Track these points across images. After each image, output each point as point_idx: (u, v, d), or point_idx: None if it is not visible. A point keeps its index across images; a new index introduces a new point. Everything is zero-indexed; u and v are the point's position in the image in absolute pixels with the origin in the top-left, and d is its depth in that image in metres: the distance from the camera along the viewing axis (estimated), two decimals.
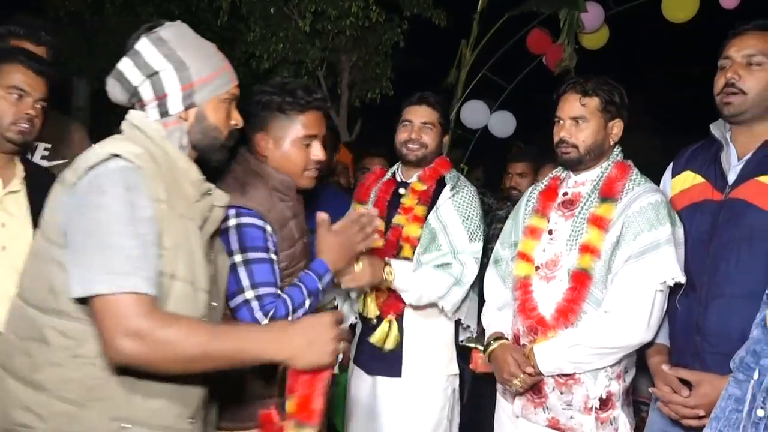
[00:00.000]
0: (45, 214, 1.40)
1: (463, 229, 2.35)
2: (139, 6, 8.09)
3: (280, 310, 1.75)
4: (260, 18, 6.19)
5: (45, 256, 1.36)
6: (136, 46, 1.50)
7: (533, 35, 5.51)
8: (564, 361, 1.90)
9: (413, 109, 2.43)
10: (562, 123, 2.03)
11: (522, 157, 3.88)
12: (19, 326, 1.38)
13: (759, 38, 1.83)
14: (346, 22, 5.85)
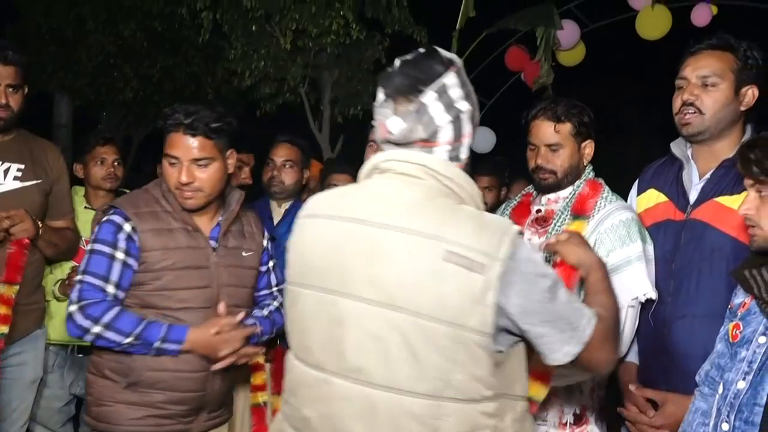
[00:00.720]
0: (429, 296, 1.19)
1: None
2: (122, 23, 8.10)
3: (94, 309, 1.79)
4: (242, 35, 6.22)
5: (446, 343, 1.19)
6: (444, 79, 1.30)
7: (511, 53, 5.60)
8: None
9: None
10: (536, 149, 2.02)
11: (487, 171, 3.85)
12: (436, 427, 1.20)
13: (713, 58, 1.83)
14: (327, 39, 5.90)
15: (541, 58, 4.95)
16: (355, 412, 1.24)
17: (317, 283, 1.29)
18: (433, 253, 1.19)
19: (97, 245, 1.86)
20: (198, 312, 1.90)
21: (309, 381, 1.31)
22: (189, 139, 1.87)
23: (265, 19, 6.07)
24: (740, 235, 1.74)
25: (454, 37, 5.60)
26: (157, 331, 1.82)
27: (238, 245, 2.03)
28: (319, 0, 5.78)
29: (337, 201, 1.36)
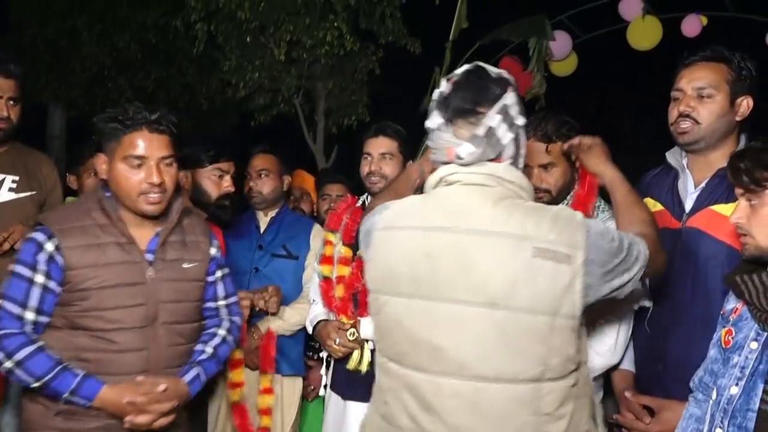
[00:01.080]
0: (524, 290, 1.31)
1: None
2: (116, 34, 8.10)
3: (9, 342, 1.69)
4: (236, 47, 6.24)
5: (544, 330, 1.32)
6: (506, 100, 1.38)
7: (504, 63, 5.62)
8: None
9: (371, 142, 2.44)
10: (529, 169, 2.01)
11: None
12: (538, 406, 1.34)
13: (707, 69, 1.86)
14: (321, 50, 5.92)
15: (534, 69, 4.98)
16: (464, 406, 1.34)
17: (406, 290, 1.38)
18: (523, 251, 1.31)
19: (18, 267, 1.74)
20: (133, 333, 1.78)
21: (414, 382, 1.38)
22: (157, 137, 1.78)
23: (259, 30, 6.09)
24: (735, 242, 1.75)
25: (447, 48, 5.64)
26: (67, 383, 1.70)
27: (179, 257, 1.91)
28: (313, 12, 5.80)
29: (413, 212, 1.43)
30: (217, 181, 2.40)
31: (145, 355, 1.81)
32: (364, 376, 2.34)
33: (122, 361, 1.77)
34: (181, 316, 1.89)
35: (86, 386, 1.72)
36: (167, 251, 1.88)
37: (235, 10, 5.72)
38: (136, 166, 1.79)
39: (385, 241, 1.44)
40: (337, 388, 2.45)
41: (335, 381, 2.47)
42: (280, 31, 5.88)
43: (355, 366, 2.34)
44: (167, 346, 1.85)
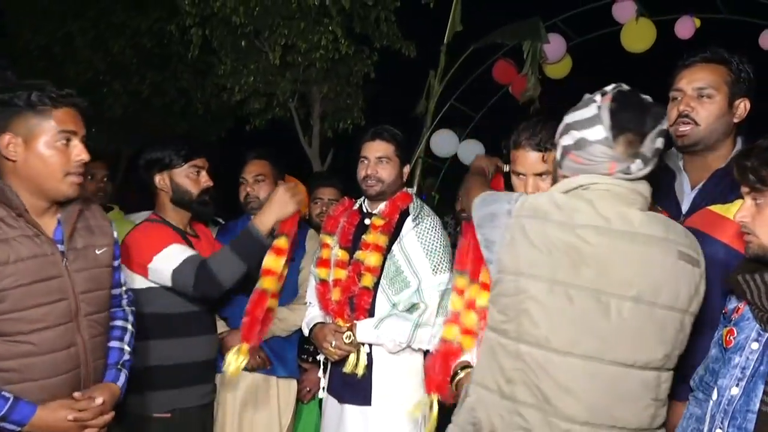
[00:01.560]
0: (667, 288, 1.49)
1: (427, 261, 2.37)
2: (111, 39, 8.10)
3: None
4: (231, 51, 6.23)
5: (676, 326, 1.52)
6: (664, 125, 1.52)
7: (498, 66, 5.65)
8: None
9: (368, 145, 2.45)
10: (524, 179, 1.95)
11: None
12: (657, 393, 1.54)
13: (707, 70, 1.87)
14: (316, 54, 5.92)
15: (528, 72, 5.00)
16: (603, 388, 1.48)
17: (555, 276, 1.49)
18: (670, 253, 1.49)
19: None
20: (56, 331, 1.67)
21: (551, 364, 1.49)
22: (79, 114, 1.71)
23: (254, 35, 6.09)
24: (733, 242, 1.77)
25: (442, 52, 5.66)
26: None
27: (90, 243, 1.80)
28: (307, 16, 5.81)
29: (560, 209, 1.53)
30: (195, 178, 2.38)
31: (73, 352, 1.72)
32: (360, 379, 2.34)
33: (48, 364, 1.66)
34: (99, 305, 1.81)
35: (18, 410, 1.60)
36: (76, 239, 1.77)
37: (230, 14, 5.72)
38: (64, 144, 1.67)
39: (531, 229, 1.53)
40: (334, 392, 2.45)
41: (332, 384, 2.47)
42: (275, 36, 5.88)
43: (351, 369, 2.34)
44: (90, 338, 1.77)
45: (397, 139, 2.47)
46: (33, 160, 1.66)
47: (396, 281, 2.37)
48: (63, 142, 1.67)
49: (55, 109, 1.66)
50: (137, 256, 2.25)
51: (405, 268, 2.37)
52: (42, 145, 1.65)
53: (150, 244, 2.25)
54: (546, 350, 1.49)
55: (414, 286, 2.36)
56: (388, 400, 2.36)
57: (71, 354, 1.71)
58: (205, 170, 2.41)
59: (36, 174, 1.67)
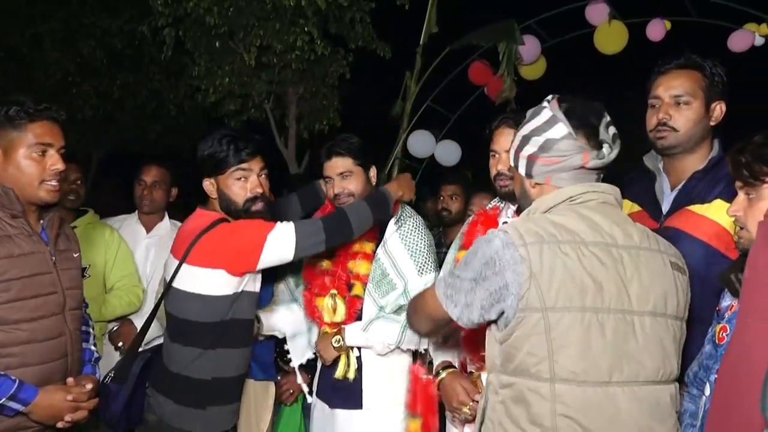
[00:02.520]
0: (670, 298, 1.53)
1: (412, 262, 2.37)
2: (80, 40, 7.96)
3: None
4: (205, 52, 6.15)
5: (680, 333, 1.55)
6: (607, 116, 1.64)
7: (474, 67, 5.68)
8: None
9: (327, 165, 2.43)
10: (498, 156, 2.09)
11: (453, 180, 3.97)
12: (675, 405, 1.54)
13: (683, 77, 1.92)
14: (291, 55, 5.87)
15: (504, 73, 5.04)
16: (645, 410, 1.46)
17: (583, 303, 1.44)
18: (667, 264, 1.54)
19: None
20: (50, 320, 1.88)
21: (596, 400, 1.44)
22: (57, 127, 1.87)
23: (228, 35, 6.03)
24: (712, 240, 1.81)
25: (417, 53, 5.68)
26: (7, 387, 1.75)
27: (68, 247, 2.02)
28: (283, 17, 5.76)
29: (560, 230, 1.50)
30: (243, 184, 2.29)
31: (63, 341, 1.91)
32: (350, 383, 2.33)
33: (44, 351, 1.85)
34: (78, 302, 2.01)
35: (24, 390, 1.78)
36: (59, 242, 1.97)
37: (204, 15, 5.64)
38: (40, 154, 1.83)
39: (547, 257, 1.46)
40: (323, 396, 2.44)
41: (321, 389, 2.46)
42: (250, 37, 5.82)
43: (342, 374, 2.33)
44: (74, 330, 1.97)
45: (352, 149, 2.42)
46: (12, 170, 1.83)
47: (382, 284, 2.36)
48: (39, 153, 1.83)
49: (31, 123, 1.82)
50: (243, 244, 2.14)
51: (390, 271, 2.37)
52: (20, 156, 1.83)
53: (255, 227, 2.16)
54: (586, 385, 1.43)
55: (400, 289, 2.36)
56: (379, 402, 2.36)
57: (61, 342, 1.91)
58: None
59: (15, 181, 1.84)
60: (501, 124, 2.11)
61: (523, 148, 1.62)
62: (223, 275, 2.12)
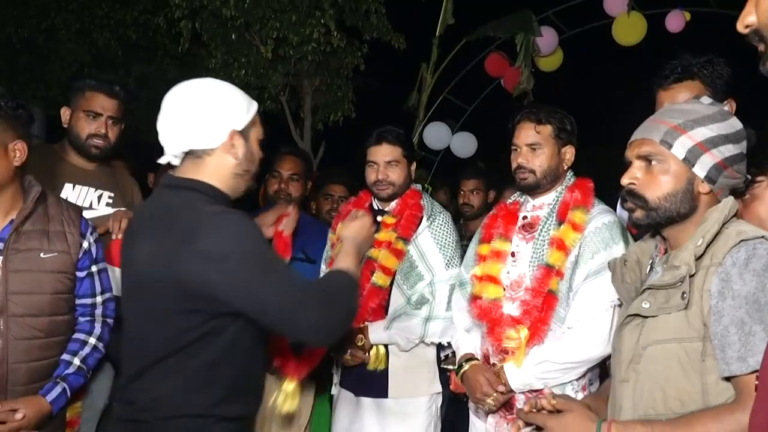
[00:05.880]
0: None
1: (441, 256, 2.40)
2: (95, 32, 8.00)
3: None
4: (221, 44, 6.18)
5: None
6: None
7: (491, 59, 5.67)
8: (532, 378, 1.97)
9: (375, 150, 2.41)
10: (519, 150, 2.12)
11: (474, 175, 3.99)
12: None
13: (685, 90, 1.84)
14: (308, 47, 5.89)
15: (521, 65, 5.03)
16: None
17: None
18: None
19: None
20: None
21: None
22: (18, 124, 1.79)
23: (244, 27, 6.04)
24: None
25: (433, 44, 5.67)
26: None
27: (37, 246, 1.85)
28: (299, 9, 5.77)
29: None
30: None
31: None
32: (377, 374, 2.37)
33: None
34: (35, 308, 1.83)
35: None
36: (22, 240, 1.83)
37: (220, 7, 5.67)
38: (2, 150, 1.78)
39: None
40: (349, 386, 2.47)
41: (345, 379, 2.49)
42: (266, 29, 5.84)
43: (374, 366, 2.36)
44: (19, 339, 1.80)
45: (402, 140, 2.44)
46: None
47: (410, 276, 2.39)
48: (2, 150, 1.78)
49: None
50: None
51: (419, 263, 2.39)
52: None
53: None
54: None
55: (427, 280, 2.39)
56: (404, 392, 2.40)
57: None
58: None
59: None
60: (523, 119, 2.13)
61: (711, 150, 1.36)
62: None
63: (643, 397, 1.33)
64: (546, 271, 2.01)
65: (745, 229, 1.31)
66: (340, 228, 1.96)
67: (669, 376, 1.30)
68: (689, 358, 1.29)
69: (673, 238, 1.41)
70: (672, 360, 1.30)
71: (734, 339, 1.22)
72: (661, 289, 1.34)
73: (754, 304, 1.22)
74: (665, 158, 1.37)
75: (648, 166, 1.39)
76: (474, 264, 2.24)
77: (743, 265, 1.25)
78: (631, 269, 1.51)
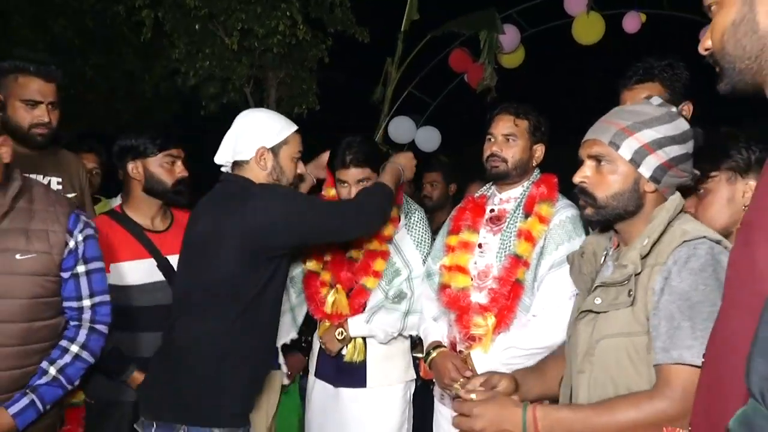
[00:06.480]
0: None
1: (417, 252, 2.47)
2: (50, 19, 7.76)
3: None
4: (184, 34, 6.09)
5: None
6: None
7: (455, 55, 5.75)
8: (498, 363, 2.05)
9: (346, 173, 2.32)
10: (493, 140, 2.21)
11: (433, 167, 4.10)
12: None
13: (646, 90, 1.92)
14: (273, 40, 5.86)
15: (485, 61, 5.13)
16: None
17: None
18: None
19: None
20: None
21: None
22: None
23: (208, 18, 5.97)
24: None
25: (399, 39, 5.72)
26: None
27: (13, 246, 1.72)
28: (264, 0, 5.73)
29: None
30: (169, 168, 2.29)
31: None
32: (355, 364, 2.43)
33: None
34: (6, 314, 1.69)
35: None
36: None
37: None
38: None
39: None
40: (324, 376, 2.52)
41: (320, 369, 2.53)
42: (231, 21, 5.78)
43: (351, 357, 2.41)
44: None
45: (371, 159, 2.34)
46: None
47: (388, 272, 2.45)
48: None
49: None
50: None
51: (397, 259, 2.46)
52: None
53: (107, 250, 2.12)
54: None
55: (405, 275, 2.46)
56: (382, 381, 2.46)
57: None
58: (180, 160, 2.34)
59: None
60: (502, 111, 2.23)
61: (657, 151, 1.40)
62: None
63: (597, 389, 1.40)
64: (514, 261, 2.10)
65: (688, 228, 1.38)
66: (354, 254, 2.47)
67: (620, 368, 1.37)
68: (637, 351, 1.36)
69: (623, 233, 1.48)
70: (621, 353, 1.37)
71: (663, 331, 1.30)
72: (611, 286, 1.40)
73: (687, 301, 1.29)
74: (613, 159, 1.43)
75: (598, 165, 1.45)
76: (442, 255, 2.32)
77: (683, 264, 1.32)
78: (588, 260, 1.58)
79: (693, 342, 1.26)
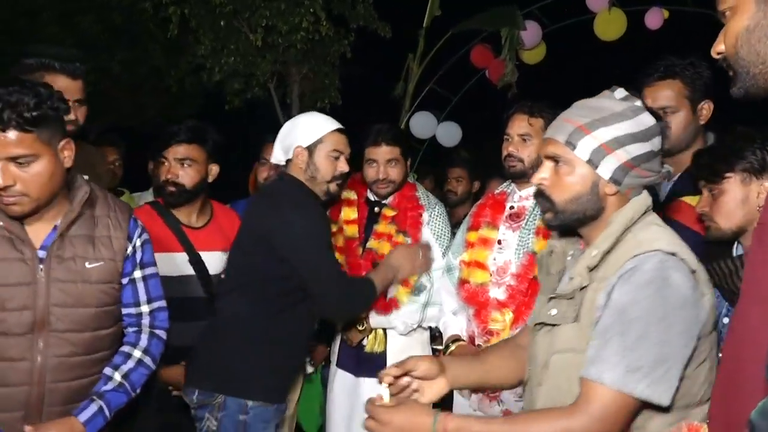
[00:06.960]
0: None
1: (437, 246, 2.53)
2: (78, 15, 7.92)
3: None
4: (209, 31, 6.20)
5: None
6: None
7: (476, 51, 5.77)
8: None
9: (375, 150, 2.48)
10: (510, 140, 2.25)
11: (459, 163, 4.15)
12: None
13: (665, 88, 1.97)
14: (297, 36, 5.94)
15: (506, 57, 5.14)
16: None
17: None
18: None
19: None
20: (18, 339, 1.58)
21: None
22: (1, 135, 1.50)
23: (233, 15, 6.07)
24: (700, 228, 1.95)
25: (420, 36, 5.75)
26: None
27: (82, 254, 1.67)
28: None
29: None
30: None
31: (27, 366, 1.59)
32: (376, 355, 2.51)
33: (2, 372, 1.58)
34: (76, 323, 1.65)
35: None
36: (66, 247, 1.65)
37: None
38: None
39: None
40: (346, 366, 2.60)
41: (342, 359, 2.61)
42: (256, 17, 5.87)
43: (372, 348, 2.49)
44: (57, 357, 1.63)
45: (399, 139, 2.51)
46: None
47: None
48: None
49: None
50: None
51: None
52: None
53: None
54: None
55: None
56: None
57: (23, 368, 1.60)
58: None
59: None
60: (517, 111, 2.27)
61: (616, 151, 1.31)
62: None
63: (556, 403, 1.30)
64: (532, 258, 2.15)
65: (643, 240, 1.29)
66: (375, 244, 2.55)
67: (571, 384, 1.28)
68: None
69: (586, 236, 1.40)
70: (572, 370, 1.29)
71: (594, 343, 1.24)
72: (563, 298, 1.33)
73: (622, 315, 1.22)
74: (570, 160, 1.33)
75: (556, 166, 1.35)
76: (462, 250, 2.38)
77: (627, 278, 1.24)
78: (558, 260, 1.48)
79: (618, 360, 1.19)
